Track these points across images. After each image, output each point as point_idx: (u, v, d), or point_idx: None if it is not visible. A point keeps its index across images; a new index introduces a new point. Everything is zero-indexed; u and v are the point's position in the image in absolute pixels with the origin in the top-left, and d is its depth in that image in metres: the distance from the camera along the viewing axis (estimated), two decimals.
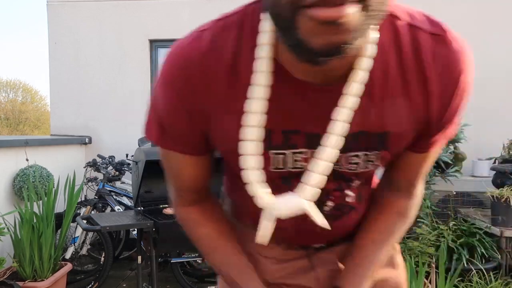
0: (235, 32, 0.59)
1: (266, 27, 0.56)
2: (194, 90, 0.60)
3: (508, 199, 2.70)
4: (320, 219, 0.62)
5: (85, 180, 3.49)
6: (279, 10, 0.47)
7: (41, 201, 2.85)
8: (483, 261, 2.71)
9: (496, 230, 2.78)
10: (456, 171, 3.44)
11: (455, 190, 3.44)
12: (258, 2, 0.60)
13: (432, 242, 2.74)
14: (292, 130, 0.62)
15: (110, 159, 3.66)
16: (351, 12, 0.44)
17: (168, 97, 0.62)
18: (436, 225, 2.96)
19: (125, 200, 3.50)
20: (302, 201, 0.60)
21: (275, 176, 0.66)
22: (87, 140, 4.18)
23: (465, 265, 2.63)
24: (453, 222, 2.95)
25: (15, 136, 9.10)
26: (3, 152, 2.99)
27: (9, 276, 2.66)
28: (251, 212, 0.73)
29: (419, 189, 0.78)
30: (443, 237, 2.80)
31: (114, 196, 3.45)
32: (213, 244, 0.76)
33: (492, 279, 2.33)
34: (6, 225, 2.66)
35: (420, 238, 2.76)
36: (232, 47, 0.59)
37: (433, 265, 2.01)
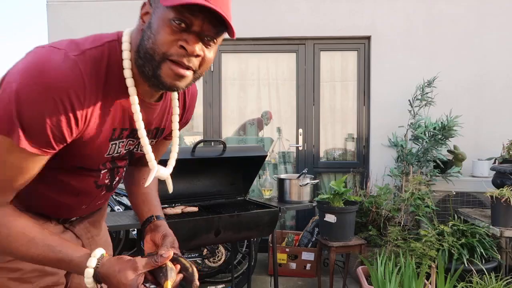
0: (105, 63, 0.87)
1: (127, 65, 0.90)
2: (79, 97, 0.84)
3: (508, 199, 2.69)
4: (171, 187, 1.02)
5: None
6: (155, 55, 0.84)
7: None
8: (483, 262, 2.71)
9: (496, 230, 2.78)
10: (457, 172, 3.44)
11: (455, 190, 3.44)
12: (114, 41, 0.90)
13: (435, 246, 2.73)
14: (125, 128, 0.97)
15: None
16: (189, 74, 0.87)
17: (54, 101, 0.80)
18: (436, 225, 2.96)
19: (125, 200, 3.49)
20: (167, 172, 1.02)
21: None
22: None
23: (465, 265, 2.62)
24: (453, 222, 2.94)
25: None
26: None
27: None
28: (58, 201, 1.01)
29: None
30: (444, 237, 2.80)
31: (114, 196, 3.45)
32: (32, 233, 0.88)
33: (493, 279, 2.33)
34: None
35: (423, 240, 2.75)
36: (104, 74, 0.87)
37: (434, 266, 2.01)
